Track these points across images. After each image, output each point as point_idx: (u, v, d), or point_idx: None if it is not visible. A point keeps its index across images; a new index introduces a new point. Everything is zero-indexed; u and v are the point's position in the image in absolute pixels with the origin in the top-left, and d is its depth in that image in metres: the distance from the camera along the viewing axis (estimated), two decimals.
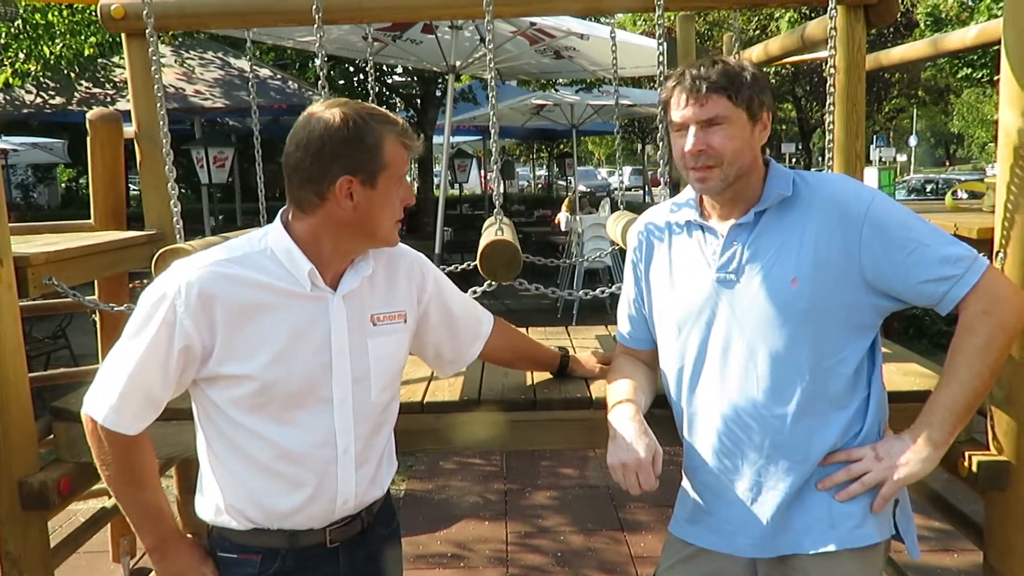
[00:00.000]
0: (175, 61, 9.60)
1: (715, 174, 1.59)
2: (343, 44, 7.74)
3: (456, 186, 16.12)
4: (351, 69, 12.61)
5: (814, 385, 1.60)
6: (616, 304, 1.95)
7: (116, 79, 9.37)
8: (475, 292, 2.17)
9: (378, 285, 1.66)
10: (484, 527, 4.09)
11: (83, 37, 8.36)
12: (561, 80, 12.83)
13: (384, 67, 11.94)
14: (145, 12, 2.23)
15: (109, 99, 9.05)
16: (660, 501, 4.11)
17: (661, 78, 2.37)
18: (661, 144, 2.33)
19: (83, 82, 9.31)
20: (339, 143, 1.48)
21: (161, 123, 2.21)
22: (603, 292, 2.32)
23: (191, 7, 2.52)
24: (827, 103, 2.32)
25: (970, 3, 19.42)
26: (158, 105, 2.21)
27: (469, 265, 2.53)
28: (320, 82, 2.20)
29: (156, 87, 2.23)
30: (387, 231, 1.57)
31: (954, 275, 1.54)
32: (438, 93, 13.41)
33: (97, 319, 3.04)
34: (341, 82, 12.92)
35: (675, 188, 2.38)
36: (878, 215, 1.57)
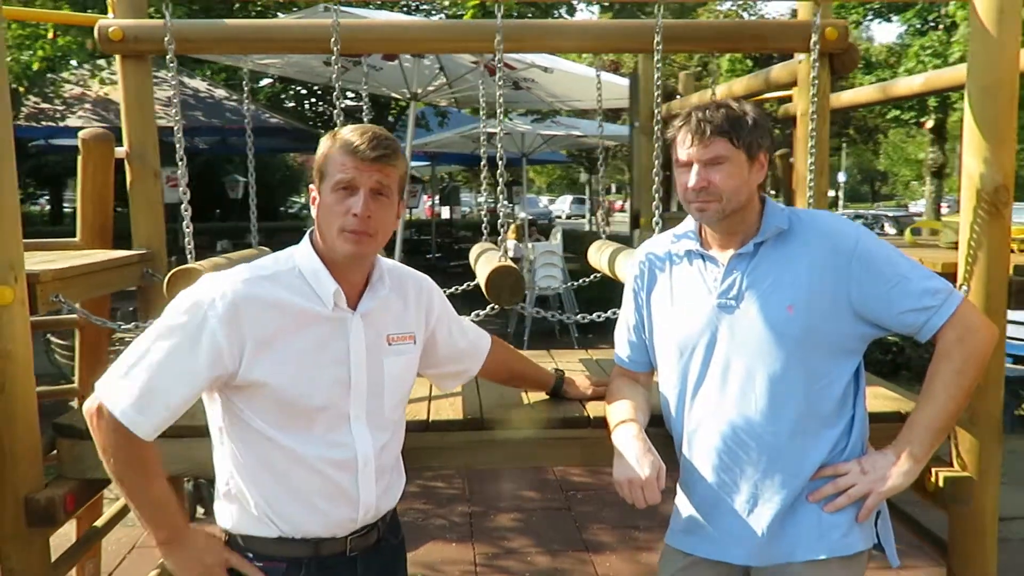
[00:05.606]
0: None
1: (713, 207, 1.74)
2: (302, 67, 7.79)
3: (406, 211, 16.17)
4: (303, 92, 12.63)
5: (807, 405, 1.74)
6: (596, 329, 2.06)
7: (65, 95, 9.19)
8: (478, 316, 2.26)
9: (392, 306, 1.75)
10: (451, 548, 4.13)
11: (31, 52, 8.20)
12: (518, 110, 13.03)
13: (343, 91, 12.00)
14: (167, 38, 2.29)
15: (59, 115, 8.88)
16: (622, 523, 4.25)
17: (660, 114, 2.52)
18: (657, 180, 2.48)
19: (31, 97, 9.11)
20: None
21: (178, 146, 2.25)
22: (599, 316, 2.41)
23: (190, 32, 2.57)
24: (800, 146, 2.50)
25: (897, 48, 20.47)
26: (176, 128, 2.25)
27: (461, 288, 2.61)
28: (336, 111, 2.27)
29: (175, 111, 2.28)
30: (330, 240, 1.60)
31: (933, 306, 1.71)
32: (390, 119, 13.50)
33: (77, 337, 3.02)
34: (292, 104, 12.91)
35: (634, 219, 2.52)
36: (865, 251, 1.73)
